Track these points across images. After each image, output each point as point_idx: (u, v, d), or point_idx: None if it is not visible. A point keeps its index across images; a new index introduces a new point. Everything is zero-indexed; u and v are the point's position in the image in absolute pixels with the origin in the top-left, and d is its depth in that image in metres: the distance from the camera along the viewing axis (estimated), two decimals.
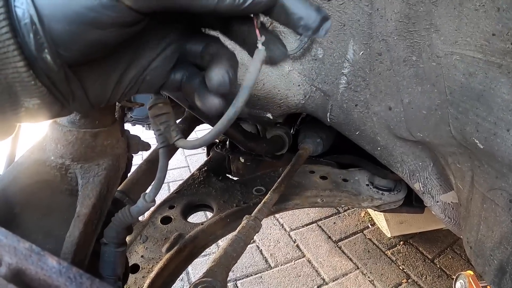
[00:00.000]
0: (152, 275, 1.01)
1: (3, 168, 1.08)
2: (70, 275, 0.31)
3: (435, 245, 2.67)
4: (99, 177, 0.64)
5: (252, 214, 1.01)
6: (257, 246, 2.68)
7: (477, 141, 0.79)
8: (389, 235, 2.59)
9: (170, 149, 0.60)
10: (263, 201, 1.09)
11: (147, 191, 0.63)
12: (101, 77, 0.42)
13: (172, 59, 0.46)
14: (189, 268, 2.40)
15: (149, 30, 0.43)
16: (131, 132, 0.78)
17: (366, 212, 2.98)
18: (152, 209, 1.29)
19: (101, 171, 0.65)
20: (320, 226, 2.88)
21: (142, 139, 0.78)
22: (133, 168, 1.11)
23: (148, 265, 1.08)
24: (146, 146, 0.76)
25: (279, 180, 1.20)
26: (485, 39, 0.73)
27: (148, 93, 0.50)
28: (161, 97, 0.54)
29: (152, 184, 0.61)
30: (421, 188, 1.07)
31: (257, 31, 0.43)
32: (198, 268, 2.41)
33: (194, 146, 0.50)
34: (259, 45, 0.43)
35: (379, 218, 2.64)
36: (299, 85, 1.04)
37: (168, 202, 1.34)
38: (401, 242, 2.72)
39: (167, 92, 0.51)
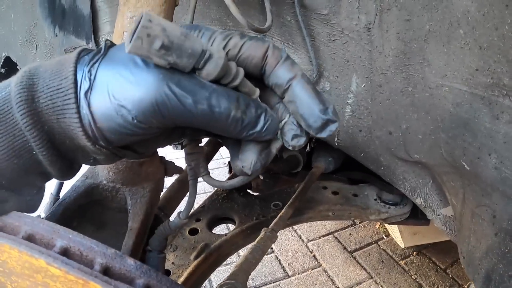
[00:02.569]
0: (181, 279, 1.08)
1: (56, 186, 1.21)
2: (143, 270, 0.44)
3: (448, 255, 2.67)
4: (145, 198, 0.77)
5: (269, 227, 1.09)
6: (276, 256, 2.72)
7: (464, 163, 0.85)
8: (402, 246, 2.59)
9: None
10: (279, 215, 1.16)
11: (181, 210, 0.76)
12: (146, 145, 0.54)
13: None
14: (212, 276, 2.45)
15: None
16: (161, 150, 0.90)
17: (380, 224, 2.99)
18: None
19: (146, 193, 0.78)
20: (336, 237, 2.91)
21: (175, 163, 0.91)
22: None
23: (178, 270, 1.15)
24: (180, 170, 0.88)
25: (294, 195, 1.27)
26: (470, 74, 0.78)
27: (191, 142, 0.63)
28: None
29: (185, 206, 0.73)
30: (423, 203, 1.11)
31: None
32: (219, 276, 2.47)
33: (214, 185, 0.62)
34: (279, 133, 0.50)
35: (393, 229, 2.65)
36: None
37: (195, 216, 1.41)
38: (415, 253, 2.73)
39: None
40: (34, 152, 0.46)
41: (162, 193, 1.18)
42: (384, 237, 2.91)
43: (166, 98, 0.42)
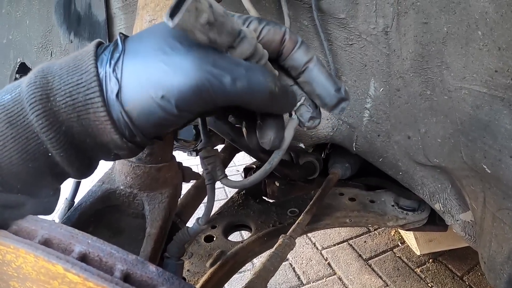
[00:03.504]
0: (197, 287, 1.08)
1: (71, 191, 1.22)
2: (165, 277, 0.43)
3: (464, 262, 2.65)
4: (163, 203, 0.77)
5: (287, 234, 1.08)
6: (290, 263, 2.72)
7: (485, 166, 0.84)
8: (418, 253, 2.58)
9: None
10: (297, 221, 1.16)
11: (199, 216, 0.76)
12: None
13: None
14: (226, 285, 2.42)
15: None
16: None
17: (396, 231, 2.98)
18: None
19: (164, 199, 0.78)
20: (351, 245, 2.90)
21: (192, 169, 0.91)
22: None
23: (193, 278, 1.15)
24: (197, 176, 0.88)
25: (311, 202, 1.26)
26: (489, 75, 0.78)
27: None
28: (209, 142, 0.67)
29: (203, 212, 0.73)
30: (441, 208, 1.11)
31: None
32: (233, 284, 2.46)
33: (235, 186, 0.62)
34: (293, 114, 0.53)
35: (409, 236, 2.65)
36: (327, 119, 1.10)
37: (211, 223, 1.41)
38: (430, 260, 2.71)
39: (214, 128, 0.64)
40: (49, 154, 0.45)
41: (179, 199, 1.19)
42: (400, 245, 2.90)
43: (206, 81, 0.42)
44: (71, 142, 0.46)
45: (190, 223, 0.82)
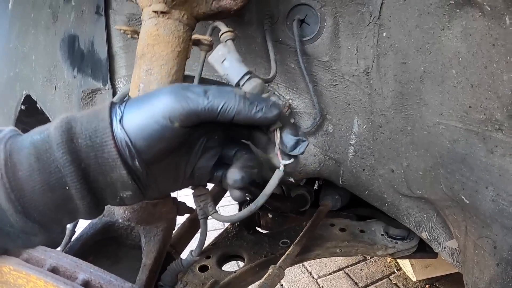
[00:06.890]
0: None
1: (72, 223, 1.25)
2: None
3: (461, 287, 2.56)
4: (158, 236, 0.82)
5: (277, 264, 1.12)
6: None
7: (463, 197, 0.88)
8: (414, 279, 2.56)
9: None
10: (287, 252, 1.19)
11: (193, 248, 0.81)
12: (167, 177, 0.61)
13: (212, 160, 0.64)
14: None
15: (195, 141, 0.62)
16: None
17: (392, 258, 2.96)
18: None
19: (159, 232, 0.83)
20: (347, 273, 2.88)
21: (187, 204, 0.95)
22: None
23: None
24: (191, 210, 0.93)
25: (301, 233, 1.30)
26: (464, 111, 0.83)
27: (199, 185, 0.70)
28: None
29: (197, 244, 0.78)
30: (428, 237, 1.13)
31: (279, 155, 0.60)
32: None
33: (224, 220, 0.69)
34: (281, 167, 0.59)
35: (405, 263, 2.64)
36: (314, 156, 1.14)
37: (205, 253, 1.43)
38: (427, 286, 2.70)
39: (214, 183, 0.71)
40: (67, 187, 0.53)
41: (173, 231, 1.22)
42: (396, 271, 2.88)
43: (185, 96, 0.54)
44: (86, 178, 0.54)
45: (184, 254, 0.87)
